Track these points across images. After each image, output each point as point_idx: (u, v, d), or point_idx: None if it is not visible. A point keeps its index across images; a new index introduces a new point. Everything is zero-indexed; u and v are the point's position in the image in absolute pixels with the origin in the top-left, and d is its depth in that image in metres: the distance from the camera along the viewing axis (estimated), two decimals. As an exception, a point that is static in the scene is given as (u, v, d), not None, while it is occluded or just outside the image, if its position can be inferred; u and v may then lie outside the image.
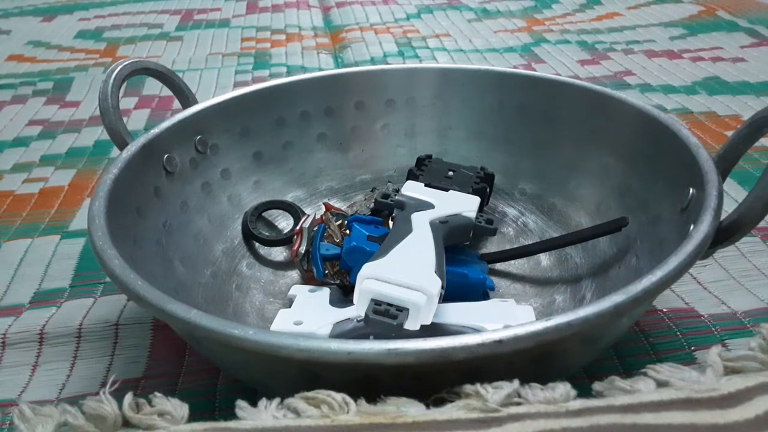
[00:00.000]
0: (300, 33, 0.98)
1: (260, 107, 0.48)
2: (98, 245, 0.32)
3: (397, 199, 0.42)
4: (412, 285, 0.33)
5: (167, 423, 0.24)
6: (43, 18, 1.13)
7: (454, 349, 0.25)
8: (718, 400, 0.24)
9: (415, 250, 0.36)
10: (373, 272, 0.33)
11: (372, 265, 0.34)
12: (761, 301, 0.40)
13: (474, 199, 0.43)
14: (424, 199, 0.42)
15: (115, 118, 0.43)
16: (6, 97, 0.79)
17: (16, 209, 0.55)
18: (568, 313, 0.26)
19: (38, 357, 0.39)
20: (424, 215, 0.40)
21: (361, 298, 0.33)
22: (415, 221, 0.39)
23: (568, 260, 0.43)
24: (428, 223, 0.39)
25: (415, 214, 0.39)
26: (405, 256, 0.35)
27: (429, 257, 0.35)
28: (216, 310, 0.38)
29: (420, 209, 0.40)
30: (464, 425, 0.23)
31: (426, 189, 0.43)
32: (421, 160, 0.47)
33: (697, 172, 0.35)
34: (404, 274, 0.33)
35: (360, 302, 0.33)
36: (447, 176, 0.45)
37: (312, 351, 0.25)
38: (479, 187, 0.45)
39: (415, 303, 0.32)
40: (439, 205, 0.41)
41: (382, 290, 0.32)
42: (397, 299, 0.32)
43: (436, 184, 0.44)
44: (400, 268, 0.34)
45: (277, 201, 0.48)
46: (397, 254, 0.35)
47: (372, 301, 0.32)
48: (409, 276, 0.33)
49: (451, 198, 0.43)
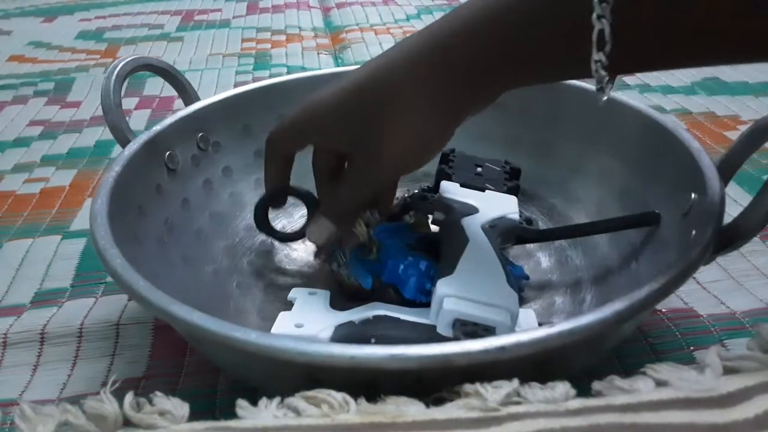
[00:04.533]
0: (300, 34, 0.98)
1: (262, 105, 0.49)
2: (100, 244, 0.32)
3: (441, 202, 0.41)
4: (494, 303, 0.32)
5: (168, 422, 0.24)
6: (44, 19, 1.13)
7: (456, 355, 0.25)
8: (717, 400, 0.24)
9: (480, 261, 0.36)
10: (452, 290, 0.33)
11: (447, 281, 0.33)
12: (760, 301, 0.40)
13: (512, 200, 0.42)
14: (466, 201, 0.41)
15: (117, 115, 0.43)
16: (7, 97, 0.79)
17: (17, 209, 0.55)
18: (571, 320, 0.26)
19: (39, 357, 0.39)
20: (473, 220, 0.39)
21: (443, 318, 0.32)
22: (468, 228, 0.38)
23: (568, 262, 0.43)
24: (480, 228, 0.38)
25: (464, 220, 0.39)
26: (474, 270, 0.35)
27: (497, 268, 0.35)
28: (217, 309, 0.38)
29: (466, 213, 0.39)
30: (464, 424, 0.23)
31: (463, 190, 0.43)
32: (446, 155, 0.46)
33: (699, 177, 0.35)
34: (482, 290, 0.33)
35: (442, 322, 0.32)
36: (476, 173, 0.45)
37: (314, 355, 0.25)
38: (513, 186, 0.44)
39: (502, 323, 0.32)
40: (482, 208, 0.40)
41: (467, 310, 0.32)
42: (483, 319, 0.32)
43: (471, 184, 0.43)
44: (476, 283, 0.33)
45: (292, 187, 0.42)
46: (466, 268, 0.35)
47: (458, 322, 0.32)
48: (487, 292, 0.33)
49: (490, 199, 0.42)
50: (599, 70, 0.29)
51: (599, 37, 0.28)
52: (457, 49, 0.32)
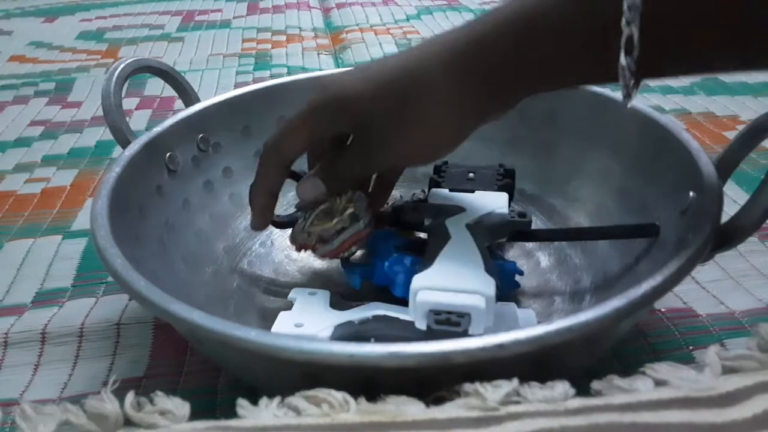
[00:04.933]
0: (300, 34, 0.98)
1: (262, 106, 0.49)
2: (101, 244, 0.32)
3: (429, 208, 0.41)
4: (467, 289, 0.32)
5: (168, 422, 0.24)
6: (44, 19, 1.14)
7: (455, 352, 0.25)
8: (717, 399, 0.24)
9: (459, 254, 0.35)
10: (426, 283, 0.33)
11: (422, 276, 0.33)
12: (759, 300, 0.40)
13: (502, 196, 0.42)
14: (453, 204, 0.41)
15: (118, 116, 0.43)
16: (8, 97, 0.79)
17: (18, 209, 0.55)
18: (569, 317, 0.26)
19: (40, 356, 0.39)
20: (458, 219, 0.39)
21: (417, 310, 0.32)
22: (451, 227, 0.38)
23: (567, 261, 0.43)
24: (464, 226, 0.38)
25: (449, 220, 0.39)
26: (452, 262, 0.35)
27: (475, 259, 0.35)
28: (217, 309, 0.38)
29: (452, 215, 0.40)
30: (464, 424, 0.23)
31: (452, 194, 0.43)
32: (438, 167, 0.46)
33: (698, 176, 0.35)
34: (456, 279, 0.33)
35: (417, 315, 0.32)
36: (468, 179, 0.45)
37: (314, 353, 0.25)
38: (504, 183, 0.44)
39: (476, 307, 0.31)
40: (469, 207, 0.41)
41: (439, 299, 0.32)
42: (456, 306, 0.31)
43: (460, 188, 0.43)
44: (451, 274, 0.33)
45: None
46: (444, 262, 0.35)
47: (431, 312, 0.31)
48: (462, 281, 0.32)
49: (479, 198, 0.42)
50: (626, 75, 0.29)
51: (627, 43, 0.28)
52: (488, 49, 0.33)
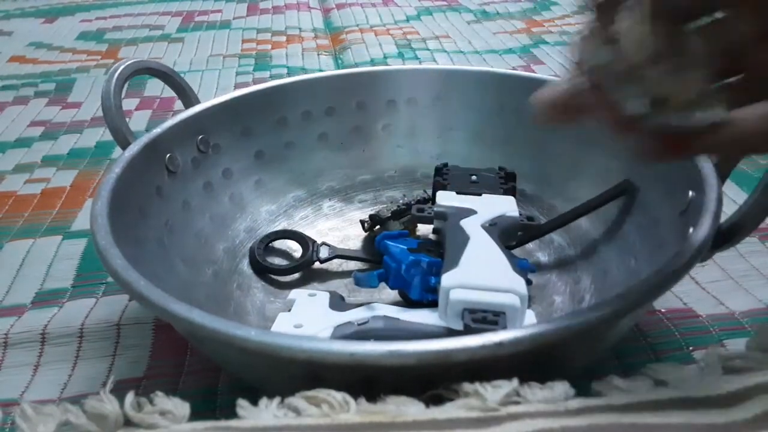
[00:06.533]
0: (300, 34, 0.98)
1: (262, 107, 0.49)
2: (101, 245, 0.32)
3: (437, 210, 0.41)
4: (501, 288, 0.32)
5: (168, 422, 0.24)
6: (44, 19, 1.14)
7: (455, 350, 0.25)
8: (716, 400, 0.24)
9: (483, 254, 0.35)
10: (457, 281, 0.32)
11: (452, 274, 0.33)
12: (759, 301, 0.40)
13: (510, 199, 0.43)
14: (463, 206, 0.41)
15: (118, 117, 0.43)
16: (8, 98, 0.79)
17: (18, 210, 0.55)
18: (569, 315, 0.26)
19: (40, 357, 0.39)
20: (473, 221, 0.39)
21: (451, 309, 0.31)
22: (467, 228, 0.38)
23: (567, 261, 0.43)
24: (480, 227, 0.38)
25: (463, 221, 0.39)
26: (478, 262, 0.34)
27: (500, 258, 0.35)
28: (217, 310, 0.38)
29: (465, 216, 0.39)
30: (464, 424, 0.23)
31: (459, 196, 0.43)
32: (439, 170, 0.46)
33: (697, 175, 0.35)
34: (488, 278, 0.32)
35: (451, 314, 0.32)
36: (472, 181, 0.45)
37: (314, 352, 0.25)
38: (509, 187, 0.44)
39: (512, 305, 0.31)
40: (480, 209, 0.41)
41: (475, 298, 0.31)
42: (492, 304, 0.31)
43: (467, 191, 0.43)
44: (480, 273, 0.33)
45: (288, 231, 0.47)
46: (469, 261, 0.34)
47: (466, 311, 0.31)
48: (494, 279, 0.32)
49: (488, 201, 0.42)
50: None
51: None
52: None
